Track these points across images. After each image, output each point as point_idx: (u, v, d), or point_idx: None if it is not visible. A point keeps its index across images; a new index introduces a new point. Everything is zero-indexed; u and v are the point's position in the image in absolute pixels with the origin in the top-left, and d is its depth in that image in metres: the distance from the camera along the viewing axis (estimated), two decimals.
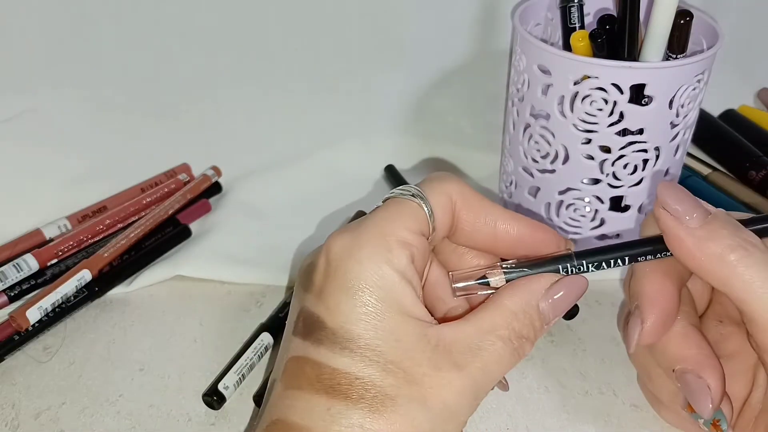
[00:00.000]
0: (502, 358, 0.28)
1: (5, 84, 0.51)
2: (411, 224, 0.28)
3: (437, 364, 0.27)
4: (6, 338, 0.41)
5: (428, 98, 0.59)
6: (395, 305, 0.27)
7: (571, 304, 0.30)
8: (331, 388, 0.26)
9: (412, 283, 0.27)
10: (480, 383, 0.27)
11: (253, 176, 0.56)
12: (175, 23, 0.52)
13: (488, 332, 0.28)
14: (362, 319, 0.26)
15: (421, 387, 0.26)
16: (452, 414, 0.27)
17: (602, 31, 0.45)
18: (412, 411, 0.26)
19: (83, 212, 0.51)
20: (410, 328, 0.27)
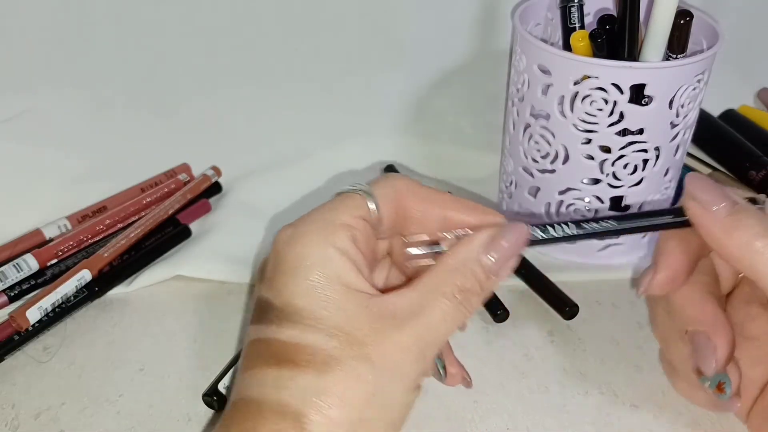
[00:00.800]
0: (445, 314, 0.28)
1: (5, 84, 0.51)
2: (353, 211, 0.30)
3: (379, 326, 0.28)
4: (6, 338, 0.41)
5: (428, 98, 0.59)
6: (336, 279, 0.28)
7: (513, 252, 0.30)
8: (280, 359, 0.27)
9: (355, 260, 0.29)
10: (425, 340, 0.28)
11: (253, 176, 0.56)
12: (175, 23, 0.52)
13: (429, 291, 0.29)
14: (305, 293, 0.28)
15: (365, 347, 0.27)
16: (397, 370, 0.28)
17: (602, 31, 0.45)
18: (357, 369, 0.27)
19: (83, 212, 0.51)
20: (351, 297, 0.28)
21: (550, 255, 0.49)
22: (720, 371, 0.33)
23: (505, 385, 0.40)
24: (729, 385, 0.34)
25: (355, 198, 0.30)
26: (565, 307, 0.44)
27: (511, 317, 0.44)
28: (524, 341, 0.43)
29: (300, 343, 0.27)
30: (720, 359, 0.33)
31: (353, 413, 0.26)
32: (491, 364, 0.41)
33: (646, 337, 0.43)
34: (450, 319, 0.29)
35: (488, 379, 0.40)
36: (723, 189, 0.32)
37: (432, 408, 0.38)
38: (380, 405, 0.27)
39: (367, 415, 0.27)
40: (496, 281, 0.30)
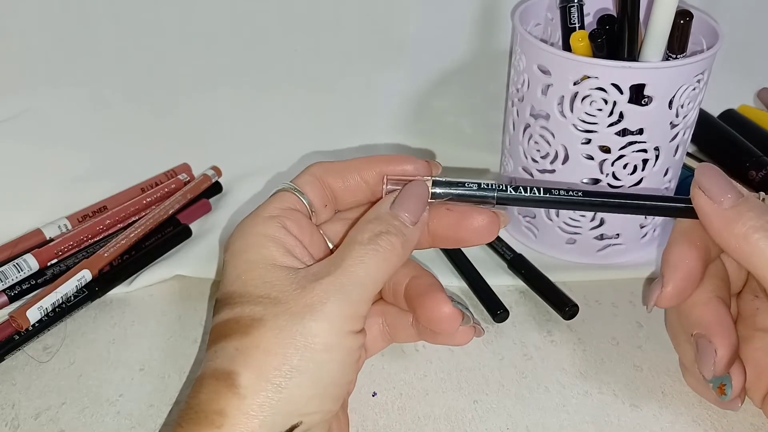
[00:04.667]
0: (364, 258, 0.30)
1: (5, 84, 0.51)
2: (280, 204, 0.33)
3: (303, 285, 0.29)
4: (6, 338, 0.41)
5: (428, 98, 0.59)
6: (263, 260, 0.30)
7: (417, 202, 0.32)
8: (216, 337, 0.30)
9: (283, 241, 0.31)
10: (345, 284, 0.29)
11: (253, 176, 0.56)
12: (175, 23, 0.52)
13: (346, 244, 0.31)
14: (237, 277, 0.31)
15: (287, 303, 0.29)
16: (320, 314, 0.28)
17: (602, 31, 0.45)
18: (278, 320, 0.28)
19: (83, 212, 0.51)
20: (279, 270, 0.30)
21: (549, 255, 0.49)
22: (719, 375, 0.34)
23: (505, 385, 0.40)
24: (730, 387, 0.34)
25: (282, 194, 0.34)
26: (565, 307, 0.44)
27: (511, 317, 0.44)
28: (524, 341, 0.43)
29: (231, 319, 0.29)
30: (719, 364, 0.33)
31: (279, 360, 0.28)
32: (491, 364, 0.41)
33: (646, 337, 0.43)
34: (370, 261, 0.30)
35: (488, 379, 0.40)
36: (731, 181, 0.32)
37: (432, 408, 0.38)
38: (309, 351, 0.28)
39: (296, 363, 0.28)
40: (413, 230, 0.32)
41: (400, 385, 0.40)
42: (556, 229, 0.48)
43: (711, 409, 0.38)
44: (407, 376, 0.40)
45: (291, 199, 0.33)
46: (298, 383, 0.28)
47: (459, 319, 0.33)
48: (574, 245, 0.49)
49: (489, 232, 0.33)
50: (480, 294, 0.45)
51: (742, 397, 0.36)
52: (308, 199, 0.34)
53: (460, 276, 0.47)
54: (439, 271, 0.48)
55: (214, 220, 0.52)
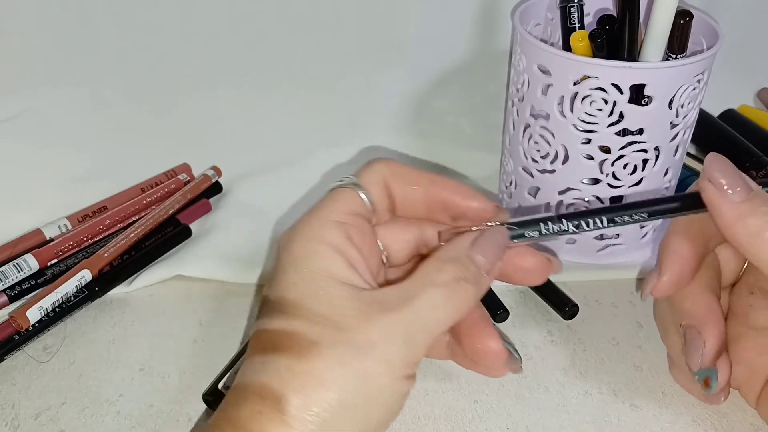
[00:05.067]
0: (434, 301, 0.29)
1: (5, 84, 0.51)
2: (345, 207, 0.31)
3: (366, 313, 0.28)
4: (6, 338, 0.41)
5: (428, 98, 0.59)
6: (326, 273, 0.29)
7: (496, 252, 0.31)
8: (266, 346, 0.28)
9: (347, 254, 0.30)
10: (413, 326, 0.28)
11: (253, 176, 0.56)
12: (175, 23, 0.52)
13: (420, 279, 0.29)
14: (295, 285, 0.29)
15: (348, 331, 0.27)
16: (382, 355, 0.27)
17: (602, 31, 0.45)
18: (338, 350, 0.27)
19: (83, 212, 0.51)
20: (342, 289, 0.29)
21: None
22: (706, 367, 0.34)
23: (505, 385, 0.40)
24: (715, 380, 0.34)
25: (345, 193, 0.31)
26: (565, 307, 0.44)
27: (511, 317, 0.44)
28: (524, 341, 0.43)
29: (285, 331, 0.28)
30: (707, 355, 0.34)
31: (332, 395, 0.26)
32: None
33: (646, 337, 0.43)
34: (440, 307, 0.29)
35: (488, 379, 0.40)
36: (741, 174, 0.31)
37: (432, 408, 0.38)
38: (363, 390, 0.27)
39: (348, 399, 0.27)
40: (487, 279, 0.31)
41: None
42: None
43: (711, 409, 0.38)
44: None
45: (355, 202, 0.31)
46: (346, 421, 0.27)
47: (505, 357, 0.32)
48: (574, 245, 0.49)
49: (539, 276, 0.33)
50: None
51: (726, 391, 0.36)
52: (372, 201, 0.32)
53: None
54: None
55: (214, 220, 0.52)
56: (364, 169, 0.33)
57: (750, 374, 0.36)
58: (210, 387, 0.38)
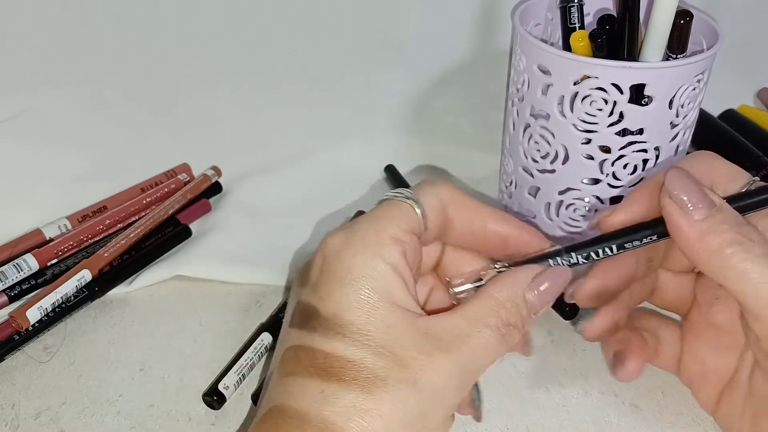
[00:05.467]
0: (489, 345, 0.29)
1: (5, 84, 0.51)
2: (403, 223, 0.30)
3: (426, 349, 0.27)
4: (6, 338, 0.41)
5: (428, 98, 0.59)
6: (386, 295, 0.28)
7: (556, 294, 0.31)
8: (325, 371, 0.27)
9: (404, 276, 0.29)
10: (468, 368, 0.28)
11: (253, 176, 0.56)
12: (175, 23, 0.52)
13: (476, 320, 0.29)
14: (354, 306, 0.28)
15: (412, 370, 0.27)
16: (441, 397, 0.28)
17: (602, 31, 0.45)
18: (403, 391, 0.27)
19: (83, 212, 0.51)
20: (400, 316, 0.28)
21: None
22: (580, 303, 0.34)
23: (505, 385, 0.40)
24: (584, 322, 0.35)
25: (404, 207, 0.30)
26: (565, 307, 0.44)
27: None
28: None
29: (346, 358, 0.27)
30: (583, 290, 0.33)
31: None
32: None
33: None
34: (492, 349, 0.29)
35: (488, 379, 0.40)
36: (703, 189, 0.30)
37: None
38: (419, 429, 0.27)
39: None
40: (535, 319, 0.30)
41: None
42: (556, 229, 0.48)
43: None
44: None
45: (412, 219, 0.30)
46: None
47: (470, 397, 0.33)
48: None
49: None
50: None
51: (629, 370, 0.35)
52: (428, 225, 0.31)
53: None
54: None
55: (214, 220, 0.52)
56: (423, 186, 0.31)
57: (702, 373, 0.36)
58: (210, 387, 0.38)
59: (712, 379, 0.35)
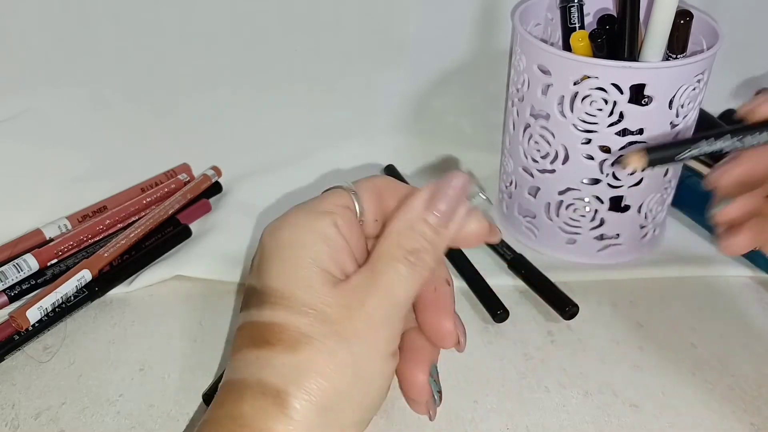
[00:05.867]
0: (402, 277, 0.29)
1: (5, 84, 0.51)
2: (335, 200, 0.31)
3: (346, 301, 0.29)
4: (6, 338, 0.41)
5: (428, 98, 0.59)
6: (311, 260, 0.29)
7: (458, 200, 0.31)
8: (258, 339, 0.28)
9: (335, 244, 0.30)
10: (386, 306, 0.29)
11: (253, 176, 0.56)
12: (175, 23, 0.52)
13: (381, 259, 0.30)
14: (281, 273, 0.29)
15: (335, 323, 0.28)
16: (368, 341, 0.29)
17: (602, 31, 0.45)
18: (329, 345, 0.28)
19: (83, 212, 0.51)
20: (326, 280, 0.29)
21: (549, 255, 0.49)
22: (715, 188, 0.32)
23: (505, 385, 0.40)
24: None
25: (336, 191, 0.32)
26: (565, 307, 0.44)
27: (511, 317, 0.44)
28: (524, 341, 0.43)
29: (275, 322, 0.28)
30: (725, 174, 0.31)
31: (330, 386, 0.27)
32: (491, 364, 0.41)
33: (646, 337, 0.43)
34: (407, 280, 0.29)
35: (488, 379, 0.40)
36: None
37: None
38: (357, 377, 0.28)
39: (343, 387, 0.28)
40: (446, 234, 0.30)
41: None
42: (556, 229, 0.48)
43: (711, 409, 0.38)
44: None
45: (345, 197, 0.32)
46: (345, 409, 0.28)
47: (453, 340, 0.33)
48: (574, 245, 0.49)
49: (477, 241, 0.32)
50: (480, 294, 0.45)
51: (740, 240, 0.33)
52: (362, 206, 0.32)
53: (460, 276, 0.47)
54: None
55: (214, 220, 0.52)
56: (361, 179, 0.33)
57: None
58: (210, 387, 0.38)
59: None
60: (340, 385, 0.28)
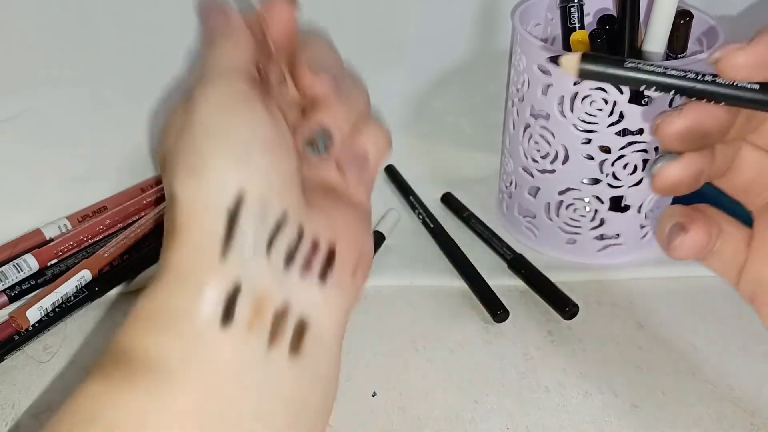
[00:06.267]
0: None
1: (5, 84, 0.51)
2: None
3: (204, 77, 0.28)
4: (6, 338, 0.41)
5: (428, 98, 0.59)
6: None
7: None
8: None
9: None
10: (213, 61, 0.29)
11: None
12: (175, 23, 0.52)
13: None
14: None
15: (200, 85, 0.28)
16: (226, 71, 0.28)
17: (602, 31, 0.45)
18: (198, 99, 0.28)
19: (83, 212, 0.51)
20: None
21: (549, 255, 0.49)
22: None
23: (505, 385, 0.40)
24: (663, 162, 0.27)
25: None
26: (565, 307, 0.44)
27: (511, 317, 0.44)
28: (524, 341, 0.43)
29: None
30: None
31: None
32: (491, 364, 0.41)
33: (646, 337, 0.43)
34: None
35: (488, 379, 0.40)
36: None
37: (432, 408, 0.38)
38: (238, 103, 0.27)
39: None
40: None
41: (400, 385, 0.40)
42: (556, 229, 0.48)
43: (711, 408, 0.38)
44: (407, 376, 0.40)
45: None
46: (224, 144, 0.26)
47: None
48: (574, 245, 0.49)
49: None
50: (480, 294, 0.45)
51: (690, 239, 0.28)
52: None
53: (460, 276, 0.47)
54: (439, 271, 0.48)
55: None
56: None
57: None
58: None
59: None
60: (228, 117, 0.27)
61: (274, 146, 0.26)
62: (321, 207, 0.28)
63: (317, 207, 0.28)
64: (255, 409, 0.25)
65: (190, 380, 0.24)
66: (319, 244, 0.27)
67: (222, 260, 0.25)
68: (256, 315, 0.25)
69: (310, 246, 0.27)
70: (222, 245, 0.25)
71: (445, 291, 0.47)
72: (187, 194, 0.26)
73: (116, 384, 0.24)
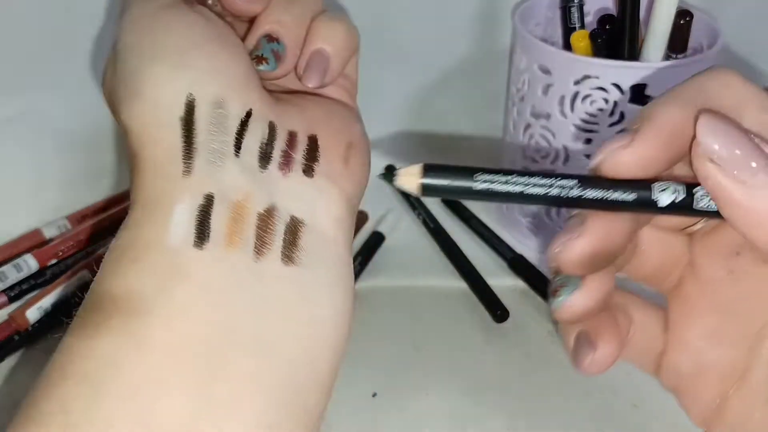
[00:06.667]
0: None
1: (5, 84, 0.51)
2: None
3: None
4: (6, 338, 0.41)
5: (428, 98, 0.59)
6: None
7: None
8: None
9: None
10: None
11: None
12: None
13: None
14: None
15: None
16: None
17: (602, 31, 0.45)
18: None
19: (83, 212, 0.51)
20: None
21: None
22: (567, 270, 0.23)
23: (505, 385, 0.40)
24: (568, 293, 0.24)
25: None
26: None
27: (511, 317, 0.44)
28: (524, 341, 0.43)
29: None
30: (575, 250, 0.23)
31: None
32: (491, 364, 0.41)
33: None
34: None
35: (488, 379, 0.40)
36: (752, 139, 0.22)
37: (432, 408, 0.38)
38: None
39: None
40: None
41: (400, 385, 0.40)
42: (556, 229, 0.48)
43: None
44: (407, 377, 0.40)
45: None
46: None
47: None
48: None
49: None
50: (480, 294, 0.45)
51: (601, 355, 0.26)
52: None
53: (460, 276, 0.47)
54: (438, 271, 0.48)
55: None
56: None
57: (696, 373, 0.27)
58: None
59: (712, 380, 0.26)
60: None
61: (214, 45, 0.24)
62: (294, 103, 0.26)
63: (290, 103, 0.26)
64: (251, 335, 0.21)
65: (167, 312, 0.21)
66: (296, 137, 0.25)
67: (186, 174, 0.22)
68: (235, 225, 0.22)
69: (285, 140, 0.24)
70: (183, 159, 0.23)
71: (445, 291, 0.47)
72: (135, 120, 0.24)
73: (88, 332, 0.21)
